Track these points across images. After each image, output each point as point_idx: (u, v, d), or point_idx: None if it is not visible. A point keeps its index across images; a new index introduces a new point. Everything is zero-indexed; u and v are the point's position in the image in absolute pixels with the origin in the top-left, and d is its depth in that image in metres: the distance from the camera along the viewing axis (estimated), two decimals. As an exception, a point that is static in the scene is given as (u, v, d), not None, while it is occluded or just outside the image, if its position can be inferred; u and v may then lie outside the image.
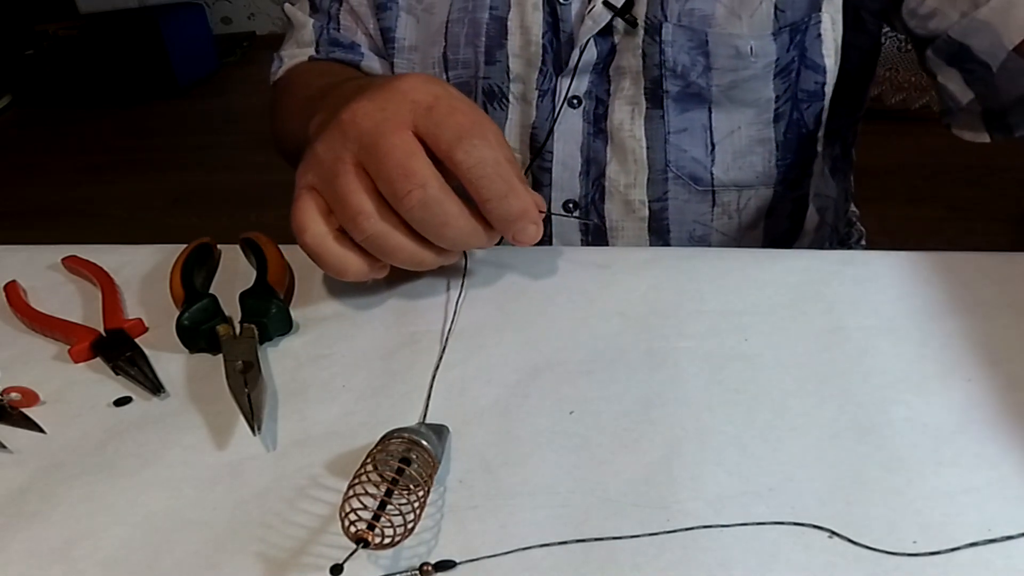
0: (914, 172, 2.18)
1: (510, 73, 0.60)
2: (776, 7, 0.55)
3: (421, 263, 0.42)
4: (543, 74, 0.59)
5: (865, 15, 0.58)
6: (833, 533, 0.30)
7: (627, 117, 0.59)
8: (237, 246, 0.53)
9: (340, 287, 0.48)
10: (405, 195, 0.39)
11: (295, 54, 0.67)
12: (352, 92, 0.43)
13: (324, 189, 0.42)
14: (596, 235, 0.63)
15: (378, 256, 0.42)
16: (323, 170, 0.41)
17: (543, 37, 0.58)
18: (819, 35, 0.56)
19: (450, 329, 0.44)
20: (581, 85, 0.59)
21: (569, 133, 0.60)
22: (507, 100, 0.61)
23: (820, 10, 0.56)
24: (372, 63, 0.66)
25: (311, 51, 0.66)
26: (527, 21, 0.59)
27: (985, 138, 0.56)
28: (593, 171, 0.61)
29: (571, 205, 0.62)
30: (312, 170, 0.42)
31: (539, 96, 0.60)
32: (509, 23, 0.59)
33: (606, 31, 0.57)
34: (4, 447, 0.38)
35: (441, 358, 0.42)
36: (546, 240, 0.64)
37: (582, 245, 0.64)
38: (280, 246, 0.50)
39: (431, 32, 0.62)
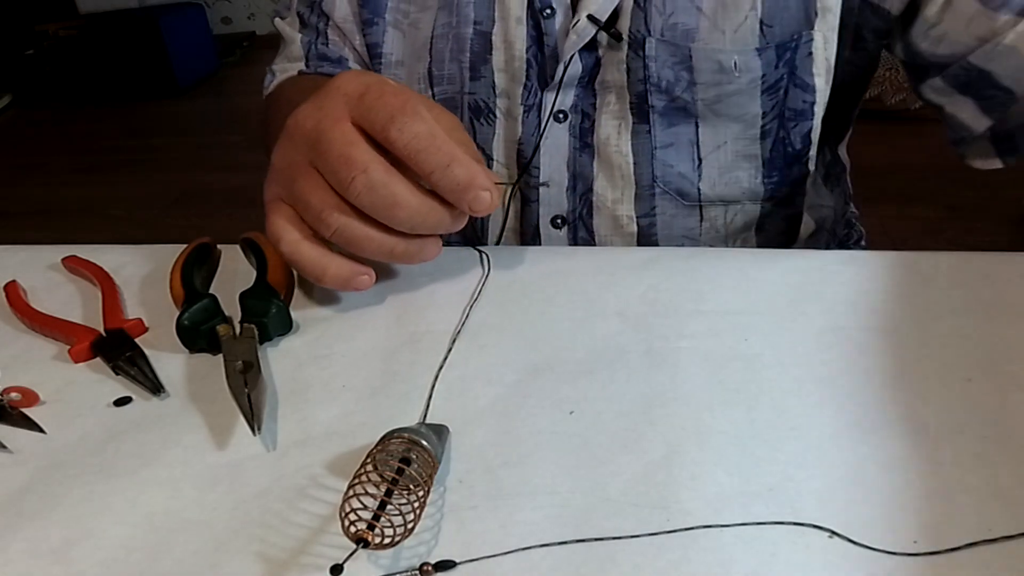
0: (914, 172, 2.18)
1: (495, 88, 0.60)
2: (762, 22, 0.54)
3: (392, 251, 0.42)
4: (528, 89, 0.59)
5: (867, 34, 0.57)
6: (833, 533, 0.30)
7: (613, 132, 0.58)
8: (237, 246, 0.53)
9: (340, 287, 0.48)
10: (349, 183, 0.39)
11: (286, 68, 0.68)
12: (300, 101, 0.43)
13: (288, 197, 0.43)
14: None
15: (350, 249, 0.42)
16: (282, 178, 0.43)
17: (527, 52, 0.58)
18: (810, 54, 0.55)
19: (459, 330, 0.44)
20: (566, 99, 0.58)
21: (556, 148, 0.60)
22: (494, 116, 0.60)
23: (812, 28, 0.55)
24: None
25: (301, 65, 0.66)
26: (510, 36, 0.58)
27: (997, 164, 0.56)
28: (580, 186, 0.60)
29: (559, 221, 0.62)
30: (274, 181, 0.44)
31: (524, 111, 0.59)
32: (493, 38, 0.59)
33: (591, 45, 0.56)
34: (4, 447, 0.38)
35: (446, 358, 0.42)
36: None
37: None
38: (280, 246, 0.50)
39: (416, 47, 0.61)
